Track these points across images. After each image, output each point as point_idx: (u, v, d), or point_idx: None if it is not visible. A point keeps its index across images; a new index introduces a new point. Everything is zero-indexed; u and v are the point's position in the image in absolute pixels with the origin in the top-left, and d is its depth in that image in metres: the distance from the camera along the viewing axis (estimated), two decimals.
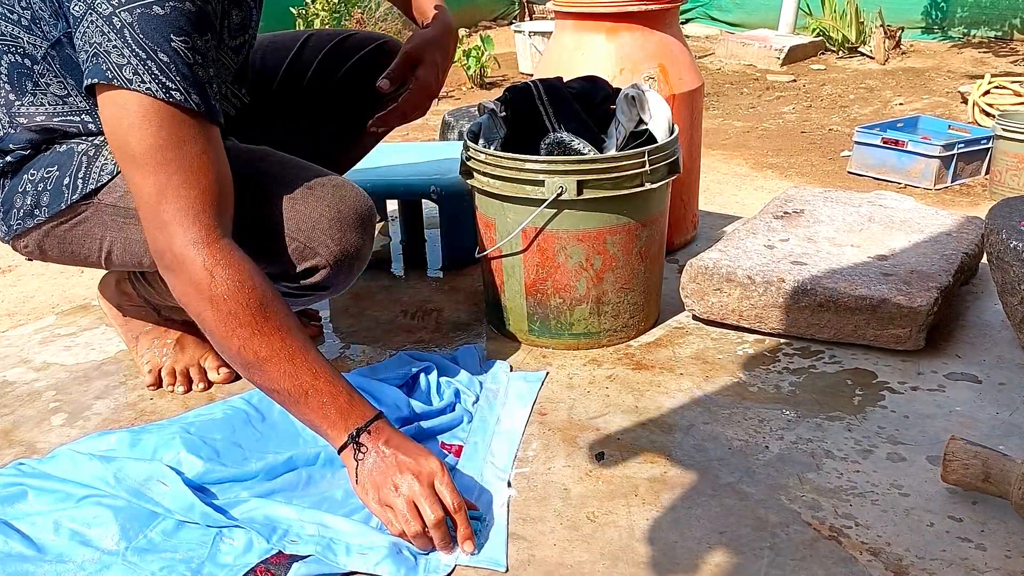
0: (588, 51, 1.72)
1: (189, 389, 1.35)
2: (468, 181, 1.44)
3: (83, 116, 1.15)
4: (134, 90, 0.97)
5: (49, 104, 1.14)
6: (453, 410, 1.25)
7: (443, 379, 1.32)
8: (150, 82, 0.97)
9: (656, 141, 1.41)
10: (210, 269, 0.99)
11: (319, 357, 1.03)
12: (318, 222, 1.12)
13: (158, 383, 1.36)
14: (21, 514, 1.03)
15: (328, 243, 1.13)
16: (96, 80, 0.98)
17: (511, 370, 1.38)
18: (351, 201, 1.16)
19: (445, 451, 1.17)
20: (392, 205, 1.96)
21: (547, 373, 1.37)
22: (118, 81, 0.97)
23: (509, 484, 1.10)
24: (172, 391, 1.34)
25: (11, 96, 1.13)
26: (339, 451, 1.03)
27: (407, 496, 0.98)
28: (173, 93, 0.98)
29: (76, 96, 1.13)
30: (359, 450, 1.01)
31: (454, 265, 1.79)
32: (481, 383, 1.33)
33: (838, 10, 5.79)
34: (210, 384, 1.36)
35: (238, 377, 1.38)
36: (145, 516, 1.02)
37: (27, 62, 1.11)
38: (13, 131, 1.15)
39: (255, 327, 0.99)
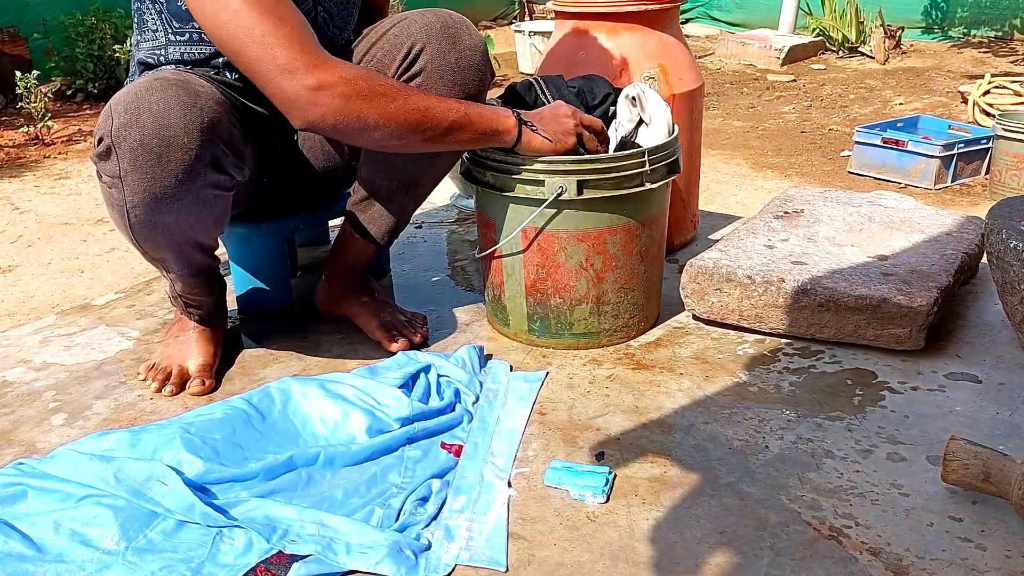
0: (588, 51, 1.72)
1: (161, 388, 1.34)
2: (468, 180, 1.44)
3: (160, 50, 1.30)
4: None
5: (145, 41, 1.31)
6: (453, 410, 1.25)
7: (443, 379, 1.32)
8: None
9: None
10: (344, 76, 1.14)
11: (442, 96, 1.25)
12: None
13: (147, 376, 1.38)
14: (21, 514, 1.03)
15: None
16: None
17: (511, 370, 1.38)
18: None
19: (445, 450, 1.17)
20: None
21: (547, 373, 1.37)
22: None
23: (509, 484, 1.10)
24: (153, 389, 1.35)
25: (135, 37, 1.34)
26: (517, 139, 1.29)
27: (577, 123, 1.34)
28: None
29: (161, 28, 1.29)
30: (528, 124, 1.30)
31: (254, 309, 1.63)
32: (481, 383, 1.33)
33: (838, 10, 5.79)
34: (181, 389, 1.35)
35: (215, 388, 1.37)
36: (145, 516, 1.02)
37: (136, 3, 1.30)
38: (137, 72, 1.33)
39: (404, 92, 1.19)
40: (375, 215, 1.42)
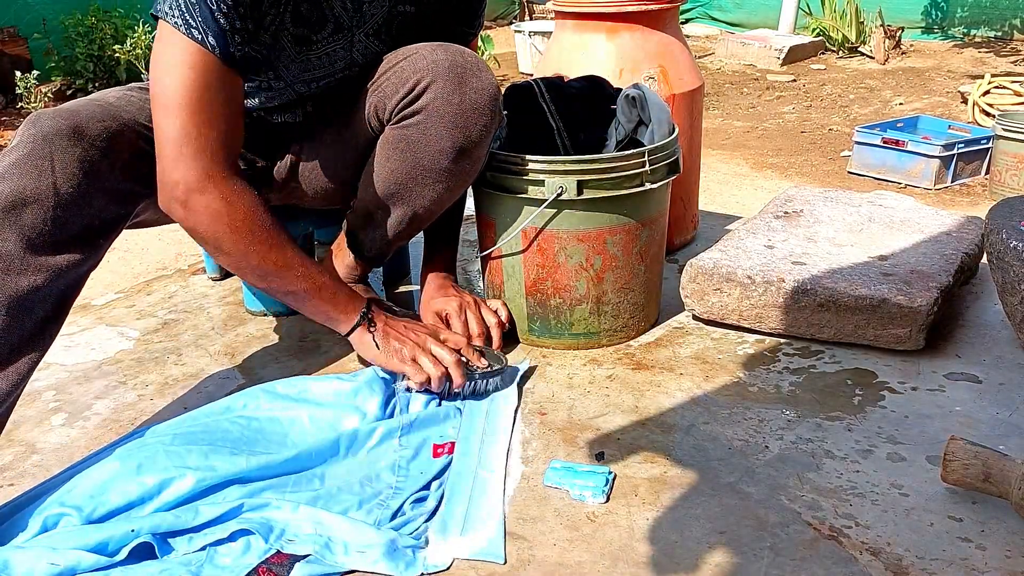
0: (588, 51, 1.72)
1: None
2: None
3: None
4: (168, 22, 1.11)
5: None
6: (440, 405, 1.25)
7: None
8: (178, 17, 1.10)
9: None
10: (228, 199, 1.15)
11: (318, 263, 1.27)
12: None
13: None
14: None
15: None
16: (153, 10, 1.14)
17: None
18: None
19: (439, 449, 1.17)
20: None
21: (528, 365, 1.38)
22: (161, 12, 1.12)
23: (504, 479, 1.10)
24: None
25: None
26: (350, 331, 1.25)
27: (426, 348, 1.23)
28: (193, 31, 1.10)
29: None
30: (371, 325, 1.26)
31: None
32: None
33: (838, 10, 5.79)
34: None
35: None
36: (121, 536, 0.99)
37: None
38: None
39: (270, 243, 1.18)
40: (367, 236, 1.41)
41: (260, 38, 1.19)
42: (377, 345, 1.25)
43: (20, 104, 4.39)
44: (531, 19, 7.05)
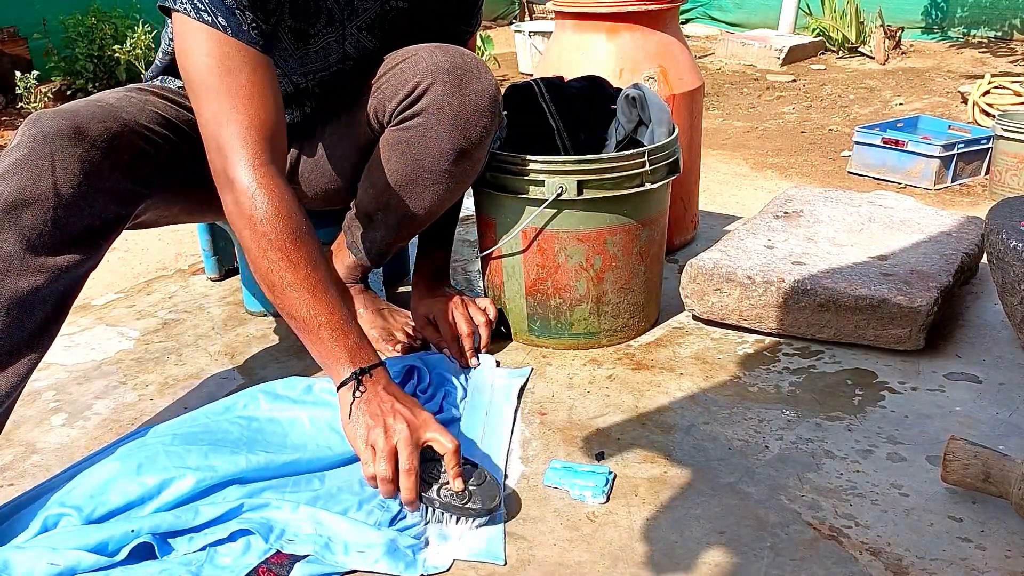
0: (588, 51, 1.72)
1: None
2: None
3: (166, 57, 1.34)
4: (177, 10, 1.09)
5: (165, 44, 1.34)
6: (441, 409, 1.25)
7: (433, 375, 1.32)
8: (186, 3, 1.08)
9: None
10: (252, 192, 1.07)
11: (339, 297, 1.09)
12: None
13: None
14: None
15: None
16: (160, 2, 1.12)
17: (497, 366, 1.38)
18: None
19: None
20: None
21: (532, 369, 1.37)
22: (169, 1, 1.10)
23: (504, 480, 1.10)
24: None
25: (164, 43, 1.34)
26: (339, 387, 1.07)
27: (390, 446, 1.02)
28: (203, 15, 1.08)
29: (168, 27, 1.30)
30: (358, 388, 1.06)
31: None
32: (467, 378, 1.34)
33: (838, 10, 5.79)
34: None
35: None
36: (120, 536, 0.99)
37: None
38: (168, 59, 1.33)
39: (285, 253, 1.07)
40: (367, 237, 1.41)
41: (266, 23, 1.18)
42: (351, 412, 1.07)
43: (20, 104, 4.39)
44: (531, 19, 7.05)
